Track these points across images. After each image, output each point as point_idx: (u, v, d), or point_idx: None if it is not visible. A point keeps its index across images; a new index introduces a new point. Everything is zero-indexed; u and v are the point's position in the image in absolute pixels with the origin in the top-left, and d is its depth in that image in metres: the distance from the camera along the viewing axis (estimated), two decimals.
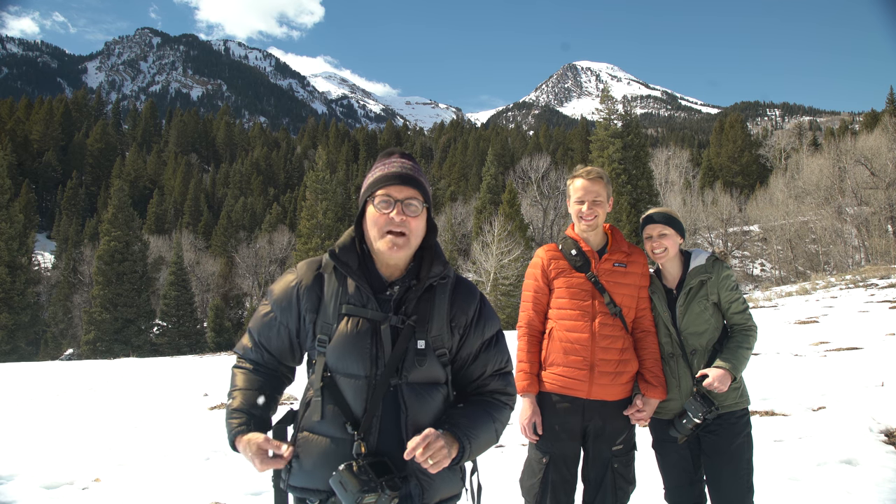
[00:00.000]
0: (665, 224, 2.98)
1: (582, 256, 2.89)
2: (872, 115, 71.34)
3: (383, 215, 1.73)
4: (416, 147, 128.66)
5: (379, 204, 1.74)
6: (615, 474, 2.80)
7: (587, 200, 2.87)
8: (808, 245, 42.97)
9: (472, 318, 1.83)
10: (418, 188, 1.76)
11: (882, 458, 4.43)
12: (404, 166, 1.78)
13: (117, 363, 20.06)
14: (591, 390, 2.79)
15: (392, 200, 1.72)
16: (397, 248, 1.72)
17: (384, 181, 1.75)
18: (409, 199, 1.73)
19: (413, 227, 1.74)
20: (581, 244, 2.92)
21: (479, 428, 1.74)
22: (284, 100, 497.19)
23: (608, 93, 46.87)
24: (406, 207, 1.73)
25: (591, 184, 2.89)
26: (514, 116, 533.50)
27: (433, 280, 1.79)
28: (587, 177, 2.91)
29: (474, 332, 1.83)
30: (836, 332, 11.46)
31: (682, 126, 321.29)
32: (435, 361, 1.76)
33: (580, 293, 2.84)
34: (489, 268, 36.88)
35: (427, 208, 1.80)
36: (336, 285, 1.78)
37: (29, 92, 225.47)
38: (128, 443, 6.41)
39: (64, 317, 51.89)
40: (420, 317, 1.75)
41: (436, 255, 1.82)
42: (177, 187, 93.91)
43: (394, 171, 1.76)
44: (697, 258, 3.00)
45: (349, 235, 1.84)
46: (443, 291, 1.80)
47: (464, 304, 1.83)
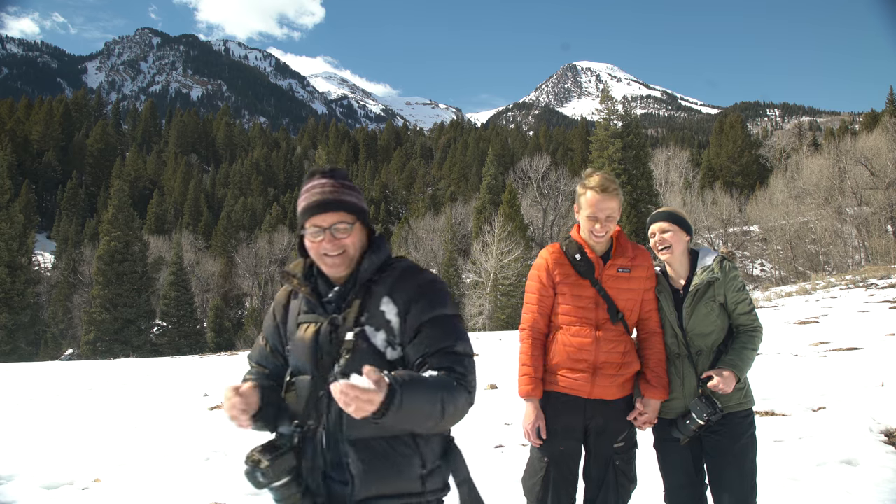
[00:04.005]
0: (670, 221, 2.95)
1: (586, 262, 2.85)
2: (872, 116, 71.28)
3: (316, 244, 1.80)
4: (416, 147, 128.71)
5: (310, 234, 1.81)
6: (617, 472, 2.81)
7: (600, 218, 2.78)
8: (808, 245, 42.97)
9: (412, 297, 1.79)
10: (343, 209, 1.80)
11: (882, 458, 4.43)
12: (324, 191, 1.80)
13: (117, 363, 20.06)
14: (593, 391, 2.79)
15: (320, 229, 1.79)
16: (337, 267, 1.82)
17: (309, 212, 1.80)
18: (336, 224, 1.78)
19: (348, 244, 1.81)
20: (586, 249, 2.87)
21: (420, 386, 1.59)
22: (284, 100, 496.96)
23: (608, 93, 46.93)
24: (335, 232, 1.78)
25: (604, 200, 2.76)
26: (514, 116, 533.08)
27: (366, 275, 1.83)
28: (600, 192, 2.76)
29: (415, 309, 1.78)
30: (836, 333, 11.47)
31: (682, 126, 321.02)
32: (370, 352, 1.76)
33: (584, 301, 2.82)
34: (489, 268, 36.89)
35: (360, 220, 1.84)
36: (298, 301, 1.93)
37: (29, 92, 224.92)
38: (128, 443, 6.42)
39: (64, 317, 51.92)
40: (354, 308, 1.81)
41: (371, 251, 1.86)
42: (177, 187, 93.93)
43: (315, 201, 1.80)
44: (705, 258, 2.95)
45: (300, 262, 1.95)
46: (383, 283, 1.83)
47: (403, 288, 1.81)
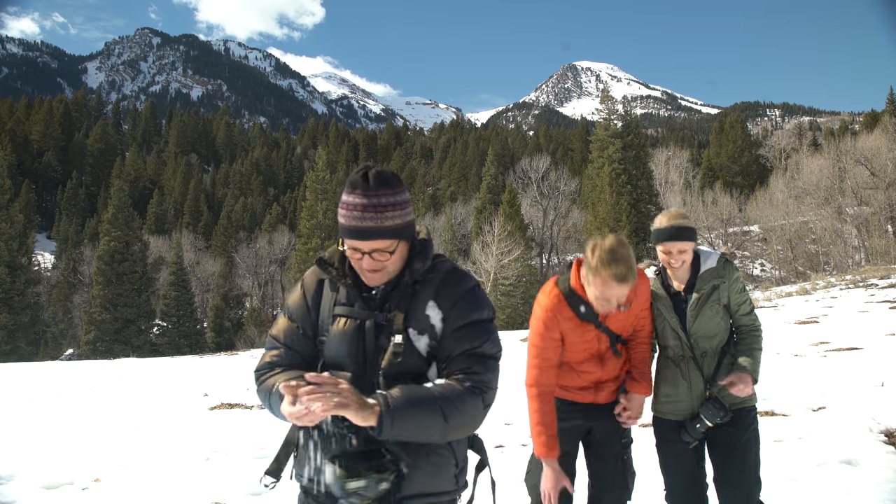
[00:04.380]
0: (688, 241, 2.81)
1: (589, 312, 2.75)
2: (872, 116, 71.28)
3: (355, 259, 1.77)
4: (416, 147, 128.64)
5: (349, 251, 1.76)
6: (624, 466, 2.87)
7: (614, 304, 2.61)
8: (808, 245, 42.96)
9: (455, 302, 1.79)
10: (383, 236, 1.70)
11: (882, 458, 4.43)
12: (363, 216, 1.69)
13: (117, 363, 20.06)
14: (597, 397, 2.88)
15: (360, 253, 1.75)
16: (375, 279, 1.78)
17: (345, 234, 1.73)
18: (375, 251, 1.72)
19: (388, 265, 1.77)
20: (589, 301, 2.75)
21: (414, 399, 1.59)
22: (284, 100, 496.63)
23: (608, 93, 46.94)
24: (375, 255, 1.74)
25: (619, 288, 2.51)
26: (514, 116, 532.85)
27: (415, 276, 1.81)
28: (617, 279, 2.48)
29: (454, 313, 1.78)
30: (836, 332, 11.46)
31: (682, 126, 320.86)
32: (415, 355, 1.76)
33: (588, 338, 2.80)
34: (489, 268, 36.90)
35: (403, 239, 1.77)
36: (332, 290, 1.88)
37: (29, 92, 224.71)
38: (128, 443, 6.42)
39: (64, 317, 51.91)
40: (402, 312, 1.79)
41: (419, 253, 1.84)
42: (177, 187, 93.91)
43: (353, 226, 1.70)
44: (708, 260, 2.91)
45: (336, 250, 1.88)
46: (428, 286, 1.81)
47: (448, 293, 1.80)
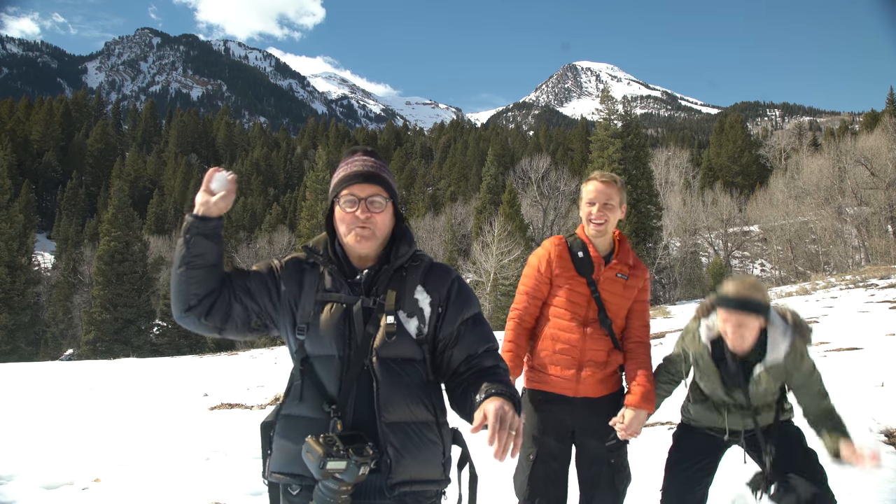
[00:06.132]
0: (761, 316, 2.55)
1: (588, 260, 2.86)
2: (872, 116, 71.27)
3: (349, 214, 1.80)
4: (416, 147, 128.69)
5: (344, 203, 1.81)
6: (612, 469, 2.80)
7: (598, 202, 2.83)
8: (808, 245, 43.01)
9: (448, 293, 1.84)
10: (381, 184, 1.82)
11: (882, 459, 4.43)
12: (366, 164, 1.84)
13: (117, 363, 20.08)
14: (578, 388, 2.80)
15: (356, 199, 1.79)
16: (364, 240, 1.79)
17: (347, 181, 1.81)
18: (373, 197, 1.80)
19: (378, 222, 1.80)
20: (590, 248, 2.88)
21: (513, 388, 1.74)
22: (284, 100, 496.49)
23: (608, 93, 46.84)
24: (370, 205, 1.79)
25: (603, 186, 2.84)
26: (514, 116, 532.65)
27: (402, 261, 1.84)
28: (600, 178, 2.86)
29: (453, 307, 1.83)
30: (836, 332, 11.45)
31: (682, 126, 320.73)
32: (407, 338, 1.77)
33: (577, 297, 2.83)
34: (489, 268, 36.90)
35: (392, 202, 1.85)
36: (314, 277, 1.86)
37: (29, 92, 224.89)
38: (128, 443, 6.42)
39: (64, 317, 51.91)
40: (393, 291, 1.81)
41: (402, 239, 1.87)
42: (177, 187, 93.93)
43: (356, 170, 1.82)
44: (775, 349, 2.61)
45: (322, 237, 1.92)
46: (414, 272, 1.84)
47: (437, 281, 1.85)
